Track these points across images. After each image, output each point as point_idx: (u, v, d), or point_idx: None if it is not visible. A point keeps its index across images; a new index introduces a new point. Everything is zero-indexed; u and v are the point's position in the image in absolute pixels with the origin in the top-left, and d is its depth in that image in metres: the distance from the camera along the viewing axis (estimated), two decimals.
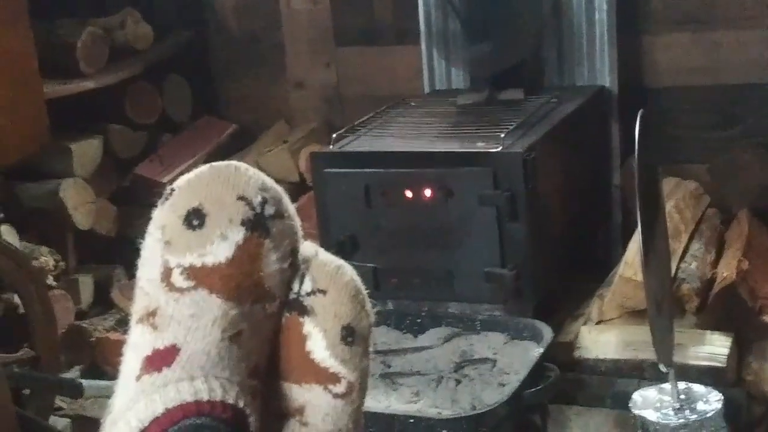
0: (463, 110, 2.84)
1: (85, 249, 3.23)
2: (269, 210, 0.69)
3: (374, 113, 2.87)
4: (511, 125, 2.53)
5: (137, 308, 0.69)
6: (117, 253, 3.20)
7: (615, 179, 2.98)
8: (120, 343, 0.69)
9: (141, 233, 0.70)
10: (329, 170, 2.56)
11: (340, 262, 0.73)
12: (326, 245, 2.67)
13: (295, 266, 0.71)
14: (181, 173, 0.72)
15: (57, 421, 2.62)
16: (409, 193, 2.49)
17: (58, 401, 2.66)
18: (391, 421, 2.05)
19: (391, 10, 3.47)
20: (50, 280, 2.82)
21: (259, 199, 0.69)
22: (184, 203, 0.68)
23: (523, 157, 2.37)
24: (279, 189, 0.71)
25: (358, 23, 3.54)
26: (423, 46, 3.12)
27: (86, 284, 3.11)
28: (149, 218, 0.70)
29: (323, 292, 0.70)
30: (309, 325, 0.70)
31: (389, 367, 2.34)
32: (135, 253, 0.71)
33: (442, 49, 3.04)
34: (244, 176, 0.69)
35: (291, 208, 0.71)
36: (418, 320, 2.48)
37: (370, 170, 2.52)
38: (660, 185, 2.21)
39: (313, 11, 3.59)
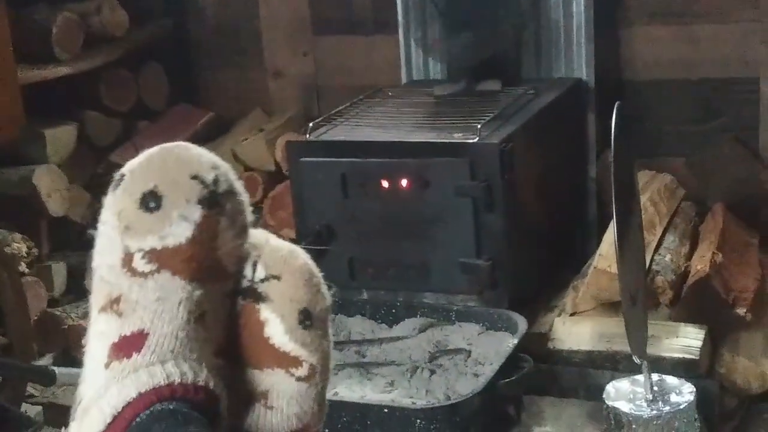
0: (441, 101, 2.84)
1: (58, 236, 3.20)
2: (222, 187, 0.69)
3: (351, 103, 2.87)
4: (488, 116, 2.53)
5: (98, 297, 0.68)
6: (91, 240, 3.17)
7: (591, 172, 2.99)
8: None
9: (90, 227, 0.70)
10: (305, 159, 2.55)
11: (292, 246, 0.73)
12: (302, 234, 2.68)
13: (246, 244, 0.71)
14: None
15: (29, 409, 2.61)
16: (385, 183, 2.49)
17: (30, 388, 2.64)
18: (366, 410, 2.05)
19: (369, 0, 3.46)
20: (23, 267, 2.80)
21: (211, 176, 0.69)
22: (138, 187, 0.68)
23: (499, 149, 2.37)
24: (227, 166, 0.71)
25: (336, 13, 3.53)
26: (401, 37, 3.11)
27: (59, 271, 3.09)
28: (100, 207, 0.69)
29: (277, 277, 0.70)
30: (266, 311, 0.70)
31: (364, 356, 2.34)
32: None
33: (420, 39, 3.04)
34: (195, 155, 0.69)
35: (239, 184, 0.71)
36: (393, 310, 2.48)
37: (347, 160, 2.52)
38: (635, 178, 2.21)
39: (291, 0, 3.58)
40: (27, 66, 3.09)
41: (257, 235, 0.72)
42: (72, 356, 2.78)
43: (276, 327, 0.70)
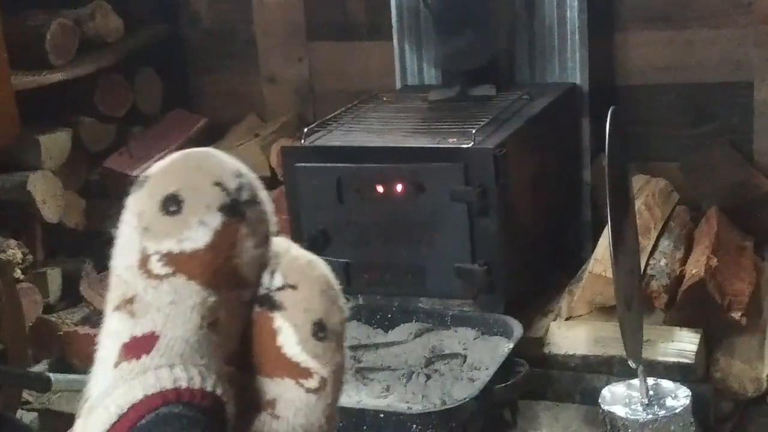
0: (435, 106, 2.84)
1: (53, 242, 3.20)
2: (245, 195, 0.69)
3: (346, 108, 2.87)
4: (483, 121, 2.54)
5: (113, 296, 0.68)
6: (86, 246, 3.18)
7: (585, 176, 2.99)
8: (88, 337, 0.69)
9: (111, 225, 0.70)
10: (300, 164, 2.55)
11: (312, 257, 0.72)
12: (298, 240, 2.67)
13: (268, 254, 0.71)
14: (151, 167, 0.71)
15: (25, 415, 2.61)
16: (380, 188, 2.49)
17: (26, 395, 2.64)
18: (362, 415, 2.05)
19: (363, 6, 3.47)
20: (18, 274, 2.80)
21: (234, 184, 0.69)
22: (161, 189, 0.68)
23: (494, 154, 2.37)
24: (253, 175, 0.71)
25: (330, 18, 3.54)
26: (395, 42, 3.12)
27: (54, 278, 3.09)
28: (122, 208, 0.69)
29: (293, 287, 0.70)
30: (279, 320, 0.70)
31: (360, 362, 2.34)
32: (104, 246, 0.71)
33: (414, 44, 3.04)
34: (219, 162, 0.69)
35: (264, 194, 0.71)
36: (389, 315, 2.48)
37: (342, 165, 2.52)
38: (629, 182, 2.22)
39: (286, 6, 3.58)
40: (21, 72, 3.08)
41: (279, 243, 0.72)
42: (67, 363, 2.78)
43: (289, 336, 0.69)
